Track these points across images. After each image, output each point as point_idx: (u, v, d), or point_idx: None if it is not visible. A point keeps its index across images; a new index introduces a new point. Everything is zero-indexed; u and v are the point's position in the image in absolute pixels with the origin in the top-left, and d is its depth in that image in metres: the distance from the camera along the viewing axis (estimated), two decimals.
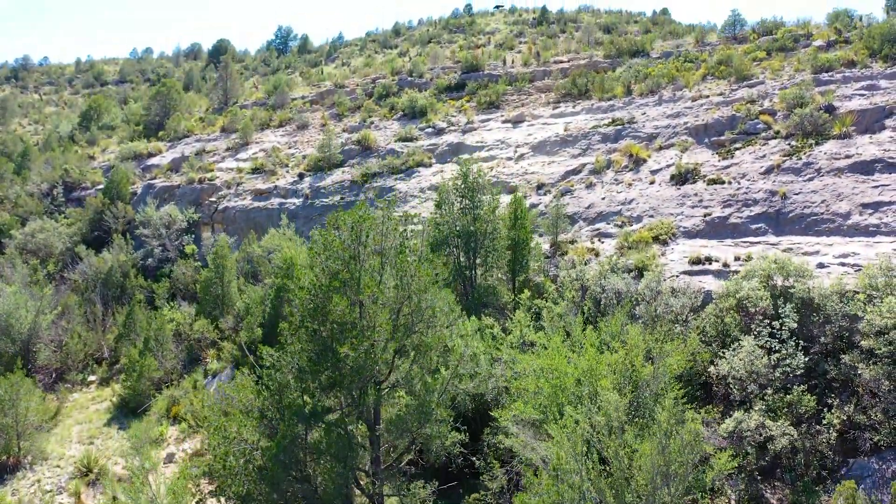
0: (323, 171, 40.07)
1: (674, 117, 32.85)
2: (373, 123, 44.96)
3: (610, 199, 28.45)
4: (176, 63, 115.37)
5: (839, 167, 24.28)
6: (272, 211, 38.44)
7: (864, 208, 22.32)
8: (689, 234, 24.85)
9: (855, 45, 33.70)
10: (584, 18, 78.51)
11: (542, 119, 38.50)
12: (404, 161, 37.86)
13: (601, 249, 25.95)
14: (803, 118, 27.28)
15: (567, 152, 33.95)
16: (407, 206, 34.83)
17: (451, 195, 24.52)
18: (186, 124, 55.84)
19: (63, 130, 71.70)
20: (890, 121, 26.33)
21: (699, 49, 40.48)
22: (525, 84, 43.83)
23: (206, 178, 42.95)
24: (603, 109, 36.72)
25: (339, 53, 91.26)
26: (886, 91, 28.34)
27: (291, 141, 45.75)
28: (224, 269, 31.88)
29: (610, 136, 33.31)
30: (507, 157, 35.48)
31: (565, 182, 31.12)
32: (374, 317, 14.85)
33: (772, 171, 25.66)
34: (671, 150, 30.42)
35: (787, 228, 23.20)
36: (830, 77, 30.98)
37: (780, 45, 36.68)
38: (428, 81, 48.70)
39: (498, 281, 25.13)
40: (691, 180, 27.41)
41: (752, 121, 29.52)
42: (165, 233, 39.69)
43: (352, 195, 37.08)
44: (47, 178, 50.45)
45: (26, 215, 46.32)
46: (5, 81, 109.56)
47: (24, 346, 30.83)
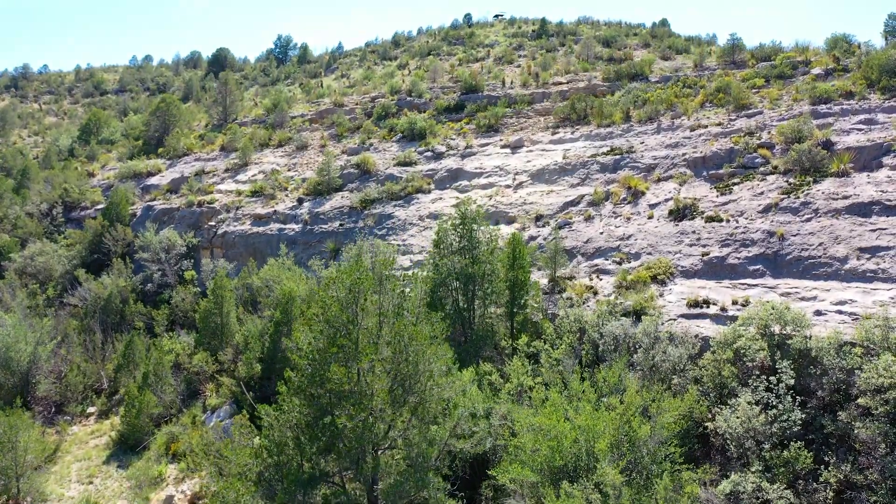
0: (322, 196, 40.11)
1: (672, 147, 32.89)
2: (372, 145, 44.99)
3: (608, 233, 28.48)
4: (175, 72, 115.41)
5: (837, 208, 24.32)
6: (271, 237, 38.48)
7: (862, 253, 22.36)
8: (687, 273, 24.89)
9: (853, 74, 33.76)
10: (584, 31, 78.54)
11: (541, 145, 38.54)
12: (403, 187, 37.89)
13: (599, 287, 25.99)
14: (801, 154, 27.32)
15: (566, 181, 33.99)
16: (405, 233, 34.90)
17: (449, 235, 24.58)
18: (186, 142, 55.87)
19: (63, 144, 71.76)
20: (887, 158, 26.38)
21: (698, 74, 40.52)
22: (524, 106, 43.87)
23: (206, 201, 42.99)
24: (602, 136, 36.77)
25: (338, 64, 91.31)
26: (884, 126, 28.38)
27: (291, 163, 45.78)
28: (223, 299, 31.88)
29: (608, 165, 33.35)
30: (506, 185, 35.53)
31: (564, 214, 31.16)
32: (371, 384, 14.89)
33: (770, 209, 25.70)
34: (670, 183, 30.47)
35: (785, 271, 23.24)
36: (829, 109, 31.01)
37: (778, 71, 36.72)
38: (427, 102, 48.74)
39: (496, 318, 25.19)
40: (689, 216, 27.45)
41: (751, 154, 29.57)
42: (165, 257, 39.71)
43: (351, 221, 37.11)
44: (47, 198, 50.51)
45: (26, 236, 46.40)
46: (5, 90, 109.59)
47: (24, 378, 30.93)
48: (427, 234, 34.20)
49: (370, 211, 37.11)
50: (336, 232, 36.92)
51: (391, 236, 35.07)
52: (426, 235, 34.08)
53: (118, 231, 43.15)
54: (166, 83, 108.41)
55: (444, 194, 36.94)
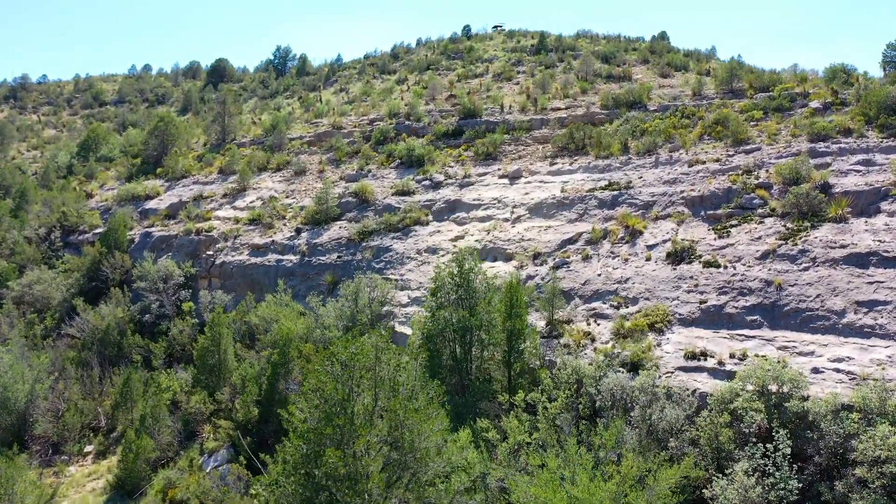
0: (320, 225, 40.08)
1: (670, 184, 32.87)
2: (370, 172, 44.97)
3: (606, 275, 28.46)
4: (174, 82, 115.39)
5: (834, 258, 24.30)
6: (269, 268, 38.46)
7: (860, 306, 22.34)
8: (684, 321, 24.86)
9: (851, 109, 33.76)
10: (583, 46, 78.52)
11: (539, 175, 38.52)
12: (401, 218, 37.86)
13: (597, 333, 25.97)
14: (799, 198, 27.31)
15: (564, 216, 33.97)
16: (403, 267, 34.87)
17: (446, 284, 24.56)
18: (184, 163, 55.86)
19: (61, 161, 71.72)
20: (885, 203, 26.37)
21: (696, 103, 40.49)
22: (522, 133, 43.85)
23: (204, 229, 42.96)
24: (600, 169, 36.74)
25: (337, 77, 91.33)
26: (882, 168, 28.37)
27: (289, 189, 45.76)
28: (220, 336, 31.84)
29: (607, 201, 33.33)
30: (504, 219, 35.50)
31: (561, 252, 31.13)
32: (367, 466, 14.85)
33: (767, 256, 25.68)
34: (668, 222, 30.45)
35: (783, 322, 23.22)
36: (827, 148, 31.00)
37: (776, 104, 36.70)
38: (426, 126, 48.71)
39: (494, 366, 25.18)
40: (687, 260, 27.42)
41: (749, 195, 29.56)
42: (162, 287, 39.67)
43: (349, 254, 37.08)
44: (45, 222, 50.51)
45: (24, 262, 46.38)
46: (4, 101, 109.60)
47: (21, 417, 30.92)
48: (425, 269, 34.20)
49: (368, 243, 37.08)
50: (334, 264, 36.89)
51: (389, 270, 35.05)
52: (424, 270, 34.07)
53: (116, 258, 43.15)
54: (165, 94, 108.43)
55: (441, 227, 36.92)
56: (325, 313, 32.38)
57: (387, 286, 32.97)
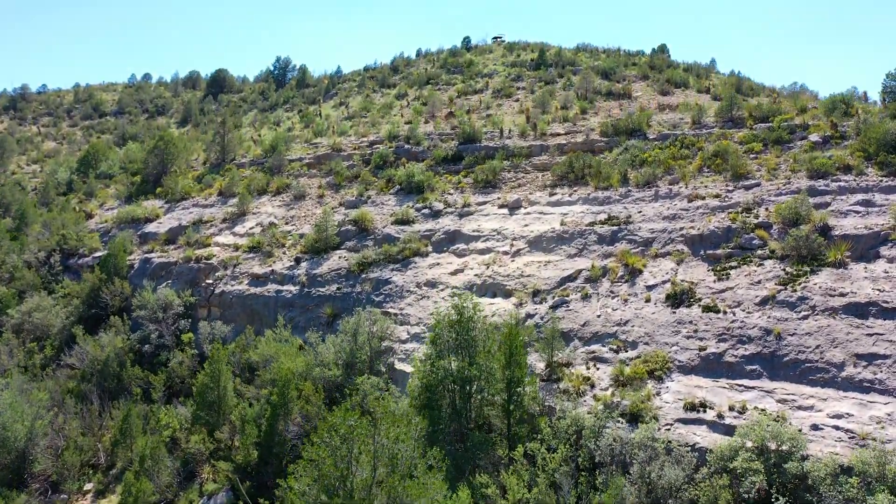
0: (319, 255, 40.07)
1: (670, 219, 32.87)
2: (370, 198, 44.98)
3: (605, 317, 28.46)
4: (174, 92, 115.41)
5: (834, 307, 24.30)
6: (269, 298, 38.47)
7: (859, 359, 22.33)
8: (684, 369, 24.86)
9: (851, 144, 33.74)
10: (583, 60, 78.47)
11: (538, 206, 38.51)
12: (401, 249, 37.86)
13: (596, 378, 25.97)
14: (799, 241, 27.31)
15: (563, 250, 33.97)
16: (403, 301, 34.87)
17: (445, 333, 24.56)
18: (183, 184, 55.87)
19: (61, 177, 71.75)
20: (885, 248, 26.37)
21: (696, 133, 40.45)
22: (522, 160, 43.84)
23: (203, 257, 42.96)
24: (599, 201, 36.73)
25: (337, 90, 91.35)
26: (881, 210, 28.37)
27: (288, 215, 45.77)
28: (219, 373, 31.82)
29: (606, 237, 33.32)
30: (504, 252, 35.50)
31: (561, 290, 31.12)
32: None
33: (767, 302, 25.67)
34: (667, 261, 30.44)
35: (782, 373, 23.21)
36: (826, 186, 30.99)
37: (776, 136, 36.68)
38: (425, 150, 48.70)
39: (494, 411, 25.18)
40: (687, 303, 27.42)
41: (748, 234, 29.55)
42: (162, 316, 39.67)
43: (348, 285, 37.07)
44: (44, 246, 50.52)
45: (24, 288, 46.41)
46: (4, 112, 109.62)
47: (21, 455, 30.92)
48: (424, 303, 34.21)
49: (367, 275, 37.06)
50: (334, 296, 36.88)
51: (388, 303, 35.05)
52: (423, 305, 34.08)
53: (116, 285, 43.15)
54: (165, 105, 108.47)
55: (441, 259, 36.92)
56: (324, 350, 32.41)
57: (386, 322, 32.99)
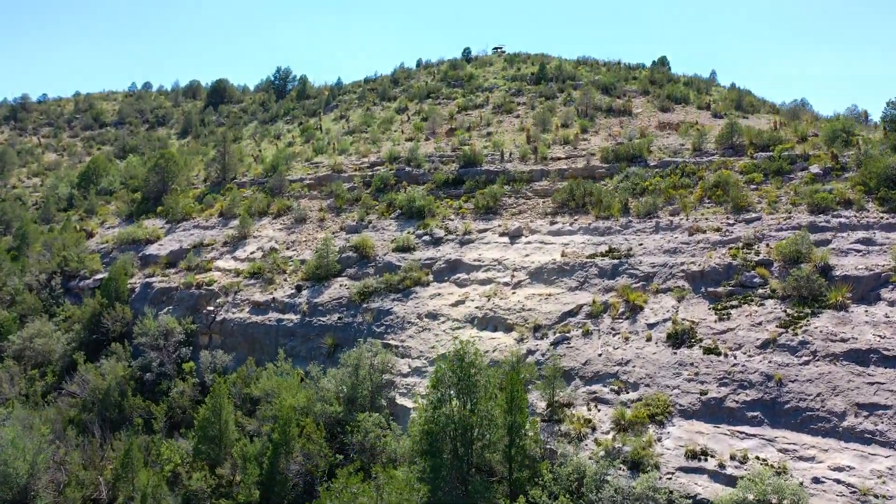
0: (320, 282, 40.13)
1: (671, 253, 32.92)
2: (371, 223, 45.04)
3: (607, 356, 28.51)
4: (175, 102, 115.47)
5: (835, 352, 24.35)
6: (270, 327, 38.53)
7: (860, 409, 22.39)
8: (685, 413, 24.91)
9: (851, 177, 33.81)
10: (583, 74, 78.52)
11: (539, 235, 38.57)
12: (402, 278, 37.91)
13: (597, 421, 26.03)
14: (799, 281, 27.37)
15: (564, 283, 34.02)
16: (404, 333, 34.92)
17: (447, 377, 24.62)
18: (184, 203, 55.94)
19: (62, 192, 71.83)
20: (885, 291, 26.43)
21: (697, 160, 40.48)
22: (523, 185, 43.88)
23: (204, 283, 43.01)
24: (600, 231, 36.78)
25: (337, 102, 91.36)
26: (882, 249, 28.42)
27: (289, 240, 45.81)
28: (221, 407, 31.88)
29: (607, 271, 33.37)
30: (505, 283, 35.54)
31: (562, 326, 31.18)
32: None
33: (768, 345, 25.73)
34: (668, 297, 30.49)
35: (783, 420, 23.27)
36: (827, 222, 31.04)
37: (776, 166, 36.72)
38: (426, 173, 48.74)
39: (495, 455, 25.23)
40: (688, 343, 27.48)
41: (749, 272, 29.61)
42: (163, 343, 39.73)
43: (349, 315, 37.12)
44: (45, 268, 50.57)
45: (25, 312, 46.48)
46: (4, 122, 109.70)
47: (22, 491, 30.97)
48: (425, 335, 34.28)
49: (369, 305, 37.11)
50: (335, 326, 36.95)
51: (389, 335, 35.11)
52: (424, 338, 34.15)
53: (117, 310, 43.20)
54: (165, 115, 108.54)
55: (442, 289, 36.96)
56: (325, 384, 32.48)
57: (387, 354, 33.05)
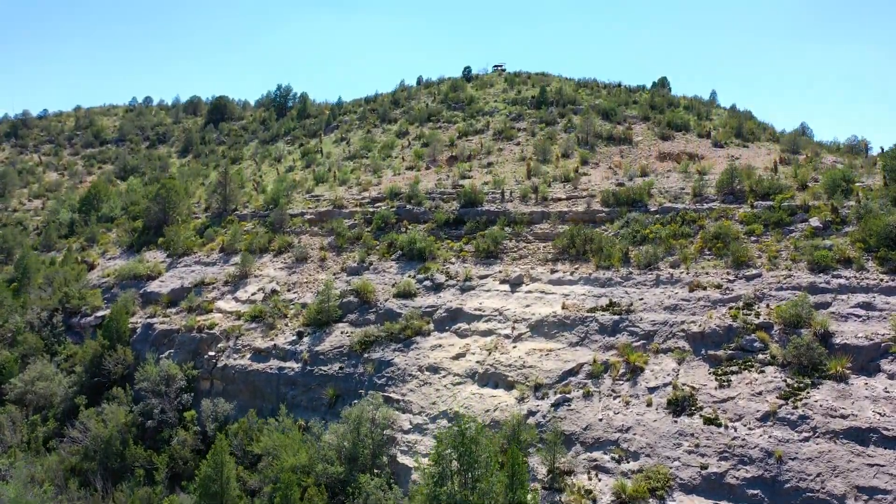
0: (321, 328, 40.23)
1: (671, 310, 33.02)
2: (371, 264, 45.14)
3: (607, 421, 28.60)
4: (175, 118, 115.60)
5: (835, 430, 24.44)
6: (271, 376, 38.64)
7: (860, 492, 22.48)
8: (685, 487, 25.00)
9: (851, 233, 33.90)
10: (583, 98, 78.76)
11: (540, 283, 38.67)
12: (403, 327, 38.01)
13: (598, 492, 26.12)
14: (799, 349, 27.49)
15: (565, 337, 34.13)
16: (405, 386, 35.01)
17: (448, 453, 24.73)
18: (185, 237, 56.05)
19: (63, 218, 71.93)
20: (885, 362, 26.53)
21: (697, 207, 40.57)
22: (523, 228, 43.98)
23: (206, 326, 43.10)
24: (601, 283, 36.88)
25: (338, 122, 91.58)
26: (882, 315, 28.52)
27: (290, 281, 45.90)
28: (222, 464, 31.94)
29: (608, 327, 33.46)
30: (506, 335, 35.64)
31: (562, 385, 31.27)
32: None
33: (768, 418, 25.82)
34: (668, 359, 30.60)
35: (783, 501, 23.36)
36: (827, 283, 31.14)
37: (777, 217, 36.82)
38: (427, 212, 48.83)
39: None
40: (688, 411, 27.57)
41: (749, 336, 29.71)
42: (165, 390, 39.81)
43: (350, 366, 37.22)
44: (46, 305, 50.65)
45: (27, 352, 46.60)
46: (5, 139, 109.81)
47: None
48: (426, 390, 34.37)
49: (370, 355, 37.21)
50: (336, 376, 37.06)
51: (390, 387, 35.20)
52: (425, 392, 34.25)
53: (118, 352, 43.31)
54: (166, 132, 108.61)
55: (443, 339, 37.06)
56: (327, 439, 32.59)
57: (388, 410, 33.14)
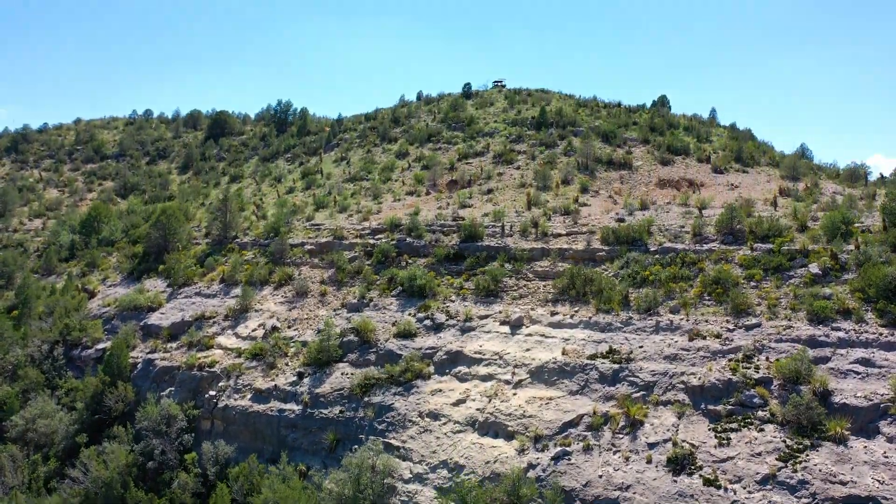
0: (322, 368, 40.32)
1: (671, 360, 33.12)
2: (371, 300, 45.23)
3: (607, 478, 28.69)
4: (175, 133, 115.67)
5: (833, 497, 24.53)
6: (272, 418, 38.73)
7: None
8: None
9: (850, 282, 34.02)
10: (583, 119, 78.86)
11: (540, 325, 38.78)
12: (403, 369, 38.11)
13: None
14: (799, 408, 27.59)
15: (565, 385, 34.23)
16: (405, 433, 35.09)
17: None
18: (185, 265, 56.16)
19: (63, 241, 72.00)
20: (884, 424, 26.63)
21: (697, 248, 40.68)
22: (523, 265, 44.07)
23: (206, 364, 43.20)
24: (601, 327, 36.98)
25: (338, 140, 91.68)
26: (881, 372, 28.63)
27: (291, 317, 45.99)
28: None
29: (608, 376, 33.57)
30: (506, 381, 35.73)
31: (563, 437, 31.37)
32: None
33: (767, 481, 25.92)
34: (668, 412, 30.70)
35: None
36: (826, 337, 31.25)
37: (776, 262, 36.94)
38: (427, 245, 48.90)
39: None
40: (687, 470, 27.67)
41: (749, 391, 29.82)
42: (166, 430, 39.89)
43: (350, 409, 37.31)
44: (47, 337, 50.73)
45: (28, 387, 46.70)
46: (5, 154, 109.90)
47: None
48: (426, 437, 34.46)
49: (370, 399, 37.28)
50: (336, 420, 37.15)
51: (391, 433, 35.30)
52: (426, 440, 34.33)
53: (119, 389, 43.43)
54: (166, 147, 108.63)
55: (443, 383, 37.14)
56: (328, 486, 32.71)
57: (388, 458, 33.23)
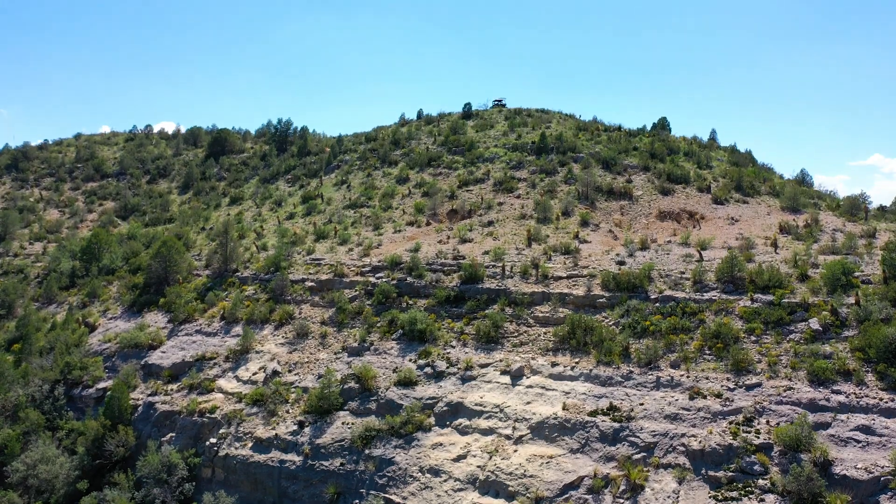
0: (323, 416, 40.40)
1: (671, 419, 33.17)
2: (372, 344, 45.31)
3: None
4: (176, 150, 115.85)
5: None
6: (272, 469, 38.79)
7: None
8: None
9: (851, 340, 34.09)
10: (583, 144, 79.03)
11: (541, 376, 38.85)
12: (404, 420, 38.19)
13: None
14: (799, 479, 27.64)
15: (566, 443, 34.29)
16: (406, 489, 35.16)
17: None
18: (186, 300, 56.22)
19: (63, 268, 72.04)
20: (884, 498, 26.68)
21: (697, 298, 40.74)
22: (524, 310, 44.13)
23: (207, 410, 43.27)
24: (602, 381, 37.05)
25: (338, 162, 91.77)
26: (882, 442, 28.67)
27: (291, 360, 46.05)
28: None
29: (608, 435, 33.62)
30: (507, 436, 35.80)
31: (563, 500, 31.43)
32: None
33: None
34: (668, 476, 30.75)
35: None
36: (826, 401, 31.30)
37: (777, 315, 37.00)
38: (427, 286, 48.95)
39: None
40: None
41: (749, 458, 29.88)
42: (167, 478, 39.95)
43: (351, 461, 37.37)
44: (48, 377, 50.75)
45: (29, 429, 46.71)
46: (5, 172, 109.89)
47: None
48: (427, 494, 34.52)
49: (371, 451, 37.35)
50: (337, 472, 37.22)
51: (391, 488, 35.37)
52: (426, 497, 34.39)
53: (120, 433, 43.52)
54: (167, 166, 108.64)
55: (444, 436, 37.19)
56: None
57: None
